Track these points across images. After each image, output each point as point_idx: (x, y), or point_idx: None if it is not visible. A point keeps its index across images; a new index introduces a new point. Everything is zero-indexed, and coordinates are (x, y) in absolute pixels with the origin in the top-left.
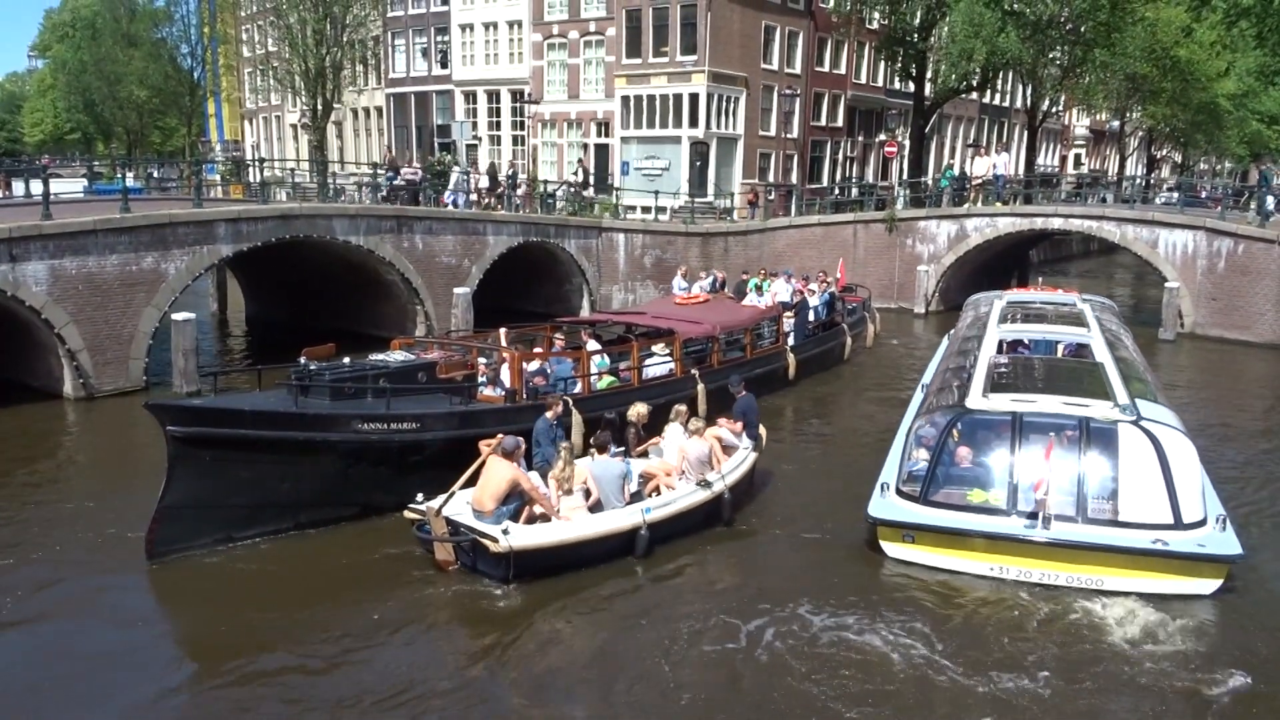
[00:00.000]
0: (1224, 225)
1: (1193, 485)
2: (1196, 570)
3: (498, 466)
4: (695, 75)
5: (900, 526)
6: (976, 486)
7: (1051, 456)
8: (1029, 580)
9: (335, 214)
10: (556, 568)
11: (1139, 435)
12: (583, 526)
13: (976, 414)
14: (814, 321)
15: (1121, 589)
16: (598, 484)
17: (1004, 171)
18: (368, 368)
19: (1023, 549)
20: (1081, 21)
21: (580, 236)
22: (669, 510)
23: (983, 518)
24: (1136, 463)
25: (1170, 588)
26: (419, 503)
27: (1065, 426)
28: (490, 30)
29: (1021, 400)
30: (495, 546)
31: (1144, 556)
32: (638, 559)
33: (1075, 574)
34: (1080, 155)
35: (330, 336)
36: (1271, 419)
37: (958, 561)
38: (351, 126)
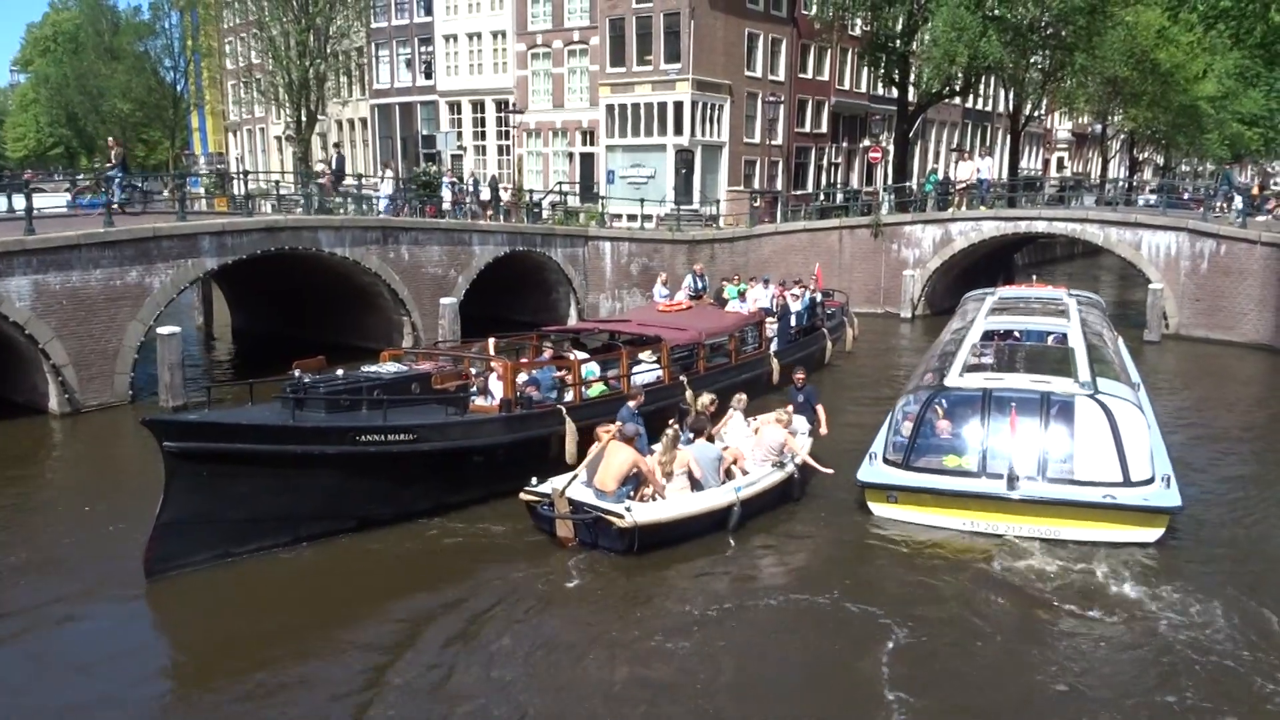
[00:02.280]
0: (1206, 226)
1: (1141, 448)
2: (1142, 520)
3: (620, 450)
4: (679, 83)
5: (884, 488)
6: (952, 453)
7: (1016, 426)
8: (997, 533)
9: (321, 225)
10: (670, 540)
11: (1094, 406)
12: (691, 503)
13: (953, 391)
14: (796, 326)
15: (1077, 538)
16: (699, 465)
17: (988, 175)
18: (361, 379)
19: (991, 505)
20: (1061, 25)
21: (566, 245)
22: (755, 489)
23: (956, 479)
24: (1091, 430)
25: (1119, 536)
26: (535, 485)
27: (1029, 400)
28: (474, 40)
29: (993, 379)
30: (621, 522)
31: (1096, 509)
32: (730, 532)
33: (1037, 526)
34: (1063, 158)
35: (317, 348)
36: (1249, 416)
37: (935, 518)
38: (336, 137)
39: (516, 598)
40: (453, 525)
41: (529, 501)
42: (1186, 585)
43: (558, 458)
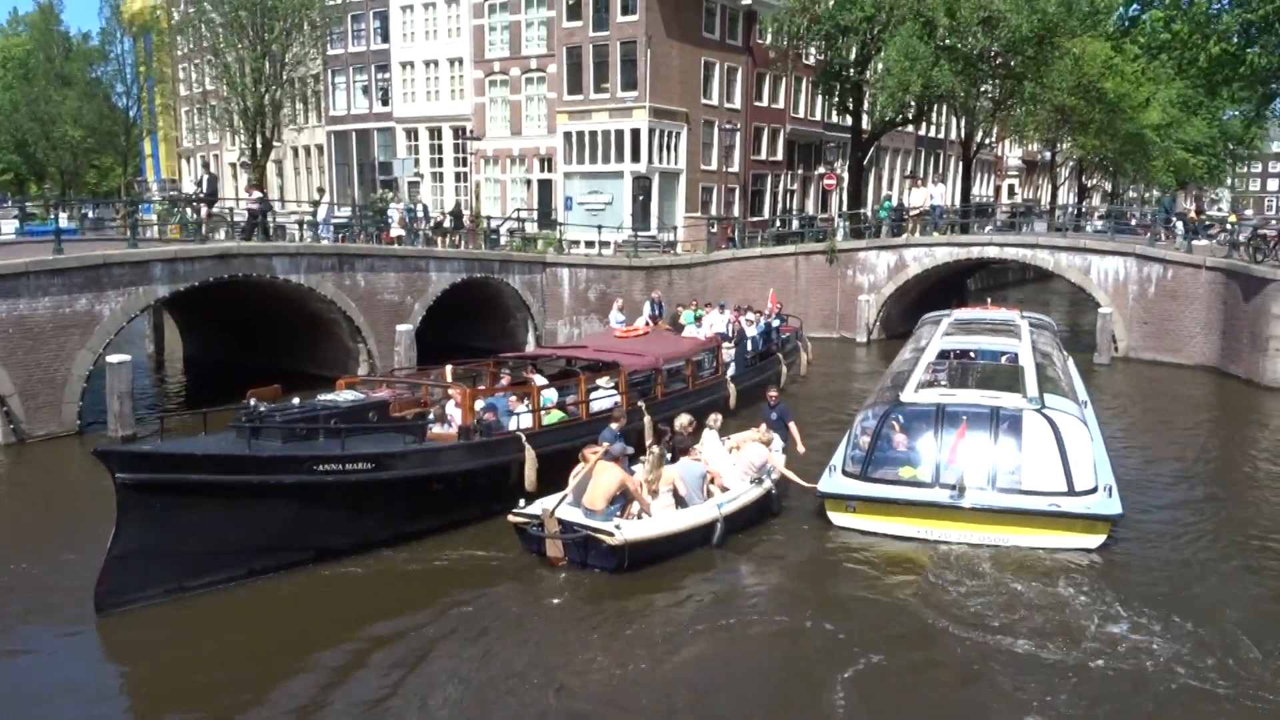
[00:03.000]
0: (1152, 251)
1: (1084, 460)
2: (1085, 528)
3: (608, 470)
4: (636, 111)
5: (843, 499)
6: (907, 465)
7: (968, 439)
8: (949, 540)
9: (275, 253)
10: (658, 557)
11: (1040, 420)
12: (678, 520)
13: (908, 406)
14: (752, 352)
15: (1025, 545)
16: (684, 483)
17: (940, 202)
18: (318, 408)
19: (944, 514)
20: (1011, 55)
21: (524, 272)
22: (737, 505)
23: (911, 489)
24: (1038, 442)
25: (1064, 543)
26: (523, 509)
27: (980, 414)
28: (431, 68)
29: (946, 394)
30: (611, 540)
31: (1041, 517)
32: (715, 547)
33: (987, 534)
34: (1014, 185)
35: (271, 376)
36: (1192, 434)
37: (891, 526)
38: (292, 164)
39: (497, 621)
40: (411, 554)
41: (518, 523)
42: (1125, 589)
43: (517, 485)
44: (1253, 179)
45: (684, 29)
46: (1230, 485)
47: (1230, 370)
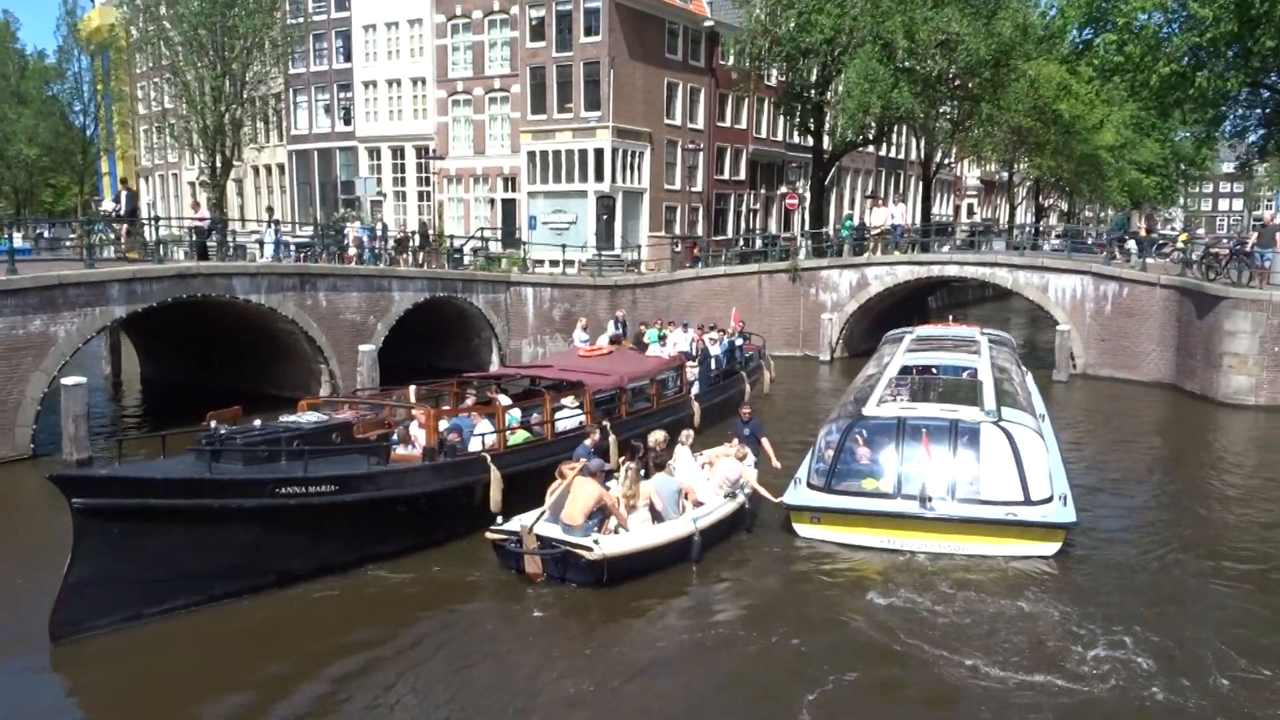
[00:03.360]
0: (1108, 269)
1: (1040, 470)
2: (1041, 536)
3: (585, 485)
4: (600, 131)
5: (808, 510)
6: (870, 477)
7: (928, 451)
8: (911, 549)
9: (235, 272)
10: (637, 572)
11: (998, 432)
12: (656, 534)
13: (870, 419)
14: (716, 370)
15: (984, 553)
16: (660, 498)
17: (901, 221)
18: (280, 430)
19: (905, 524)
20: (968, 77)
21: (488, 291)
22: (712, 519)
23: (874, 500)
24: (995, 454)
25: (1021, 550)
26: (500, 525)
27: (940, 427)
28: (394, 87)
29: (907, 408)
30: (590, 555)
31: (999, 526)
32: (694, 562)
33: (947, 543)
34: (973, 205)
35: (231, 398)
36: (1146, 448)
37: (854, 536)
38: (253, 184)
39: (473, 638)
40: (379, 575)
41: (495, 540)
42: (1081, 597)
43: (482, 506)
44: (1204, 199)
45: (647, 50)
46: (1183, 497)
47: (1186, 386)
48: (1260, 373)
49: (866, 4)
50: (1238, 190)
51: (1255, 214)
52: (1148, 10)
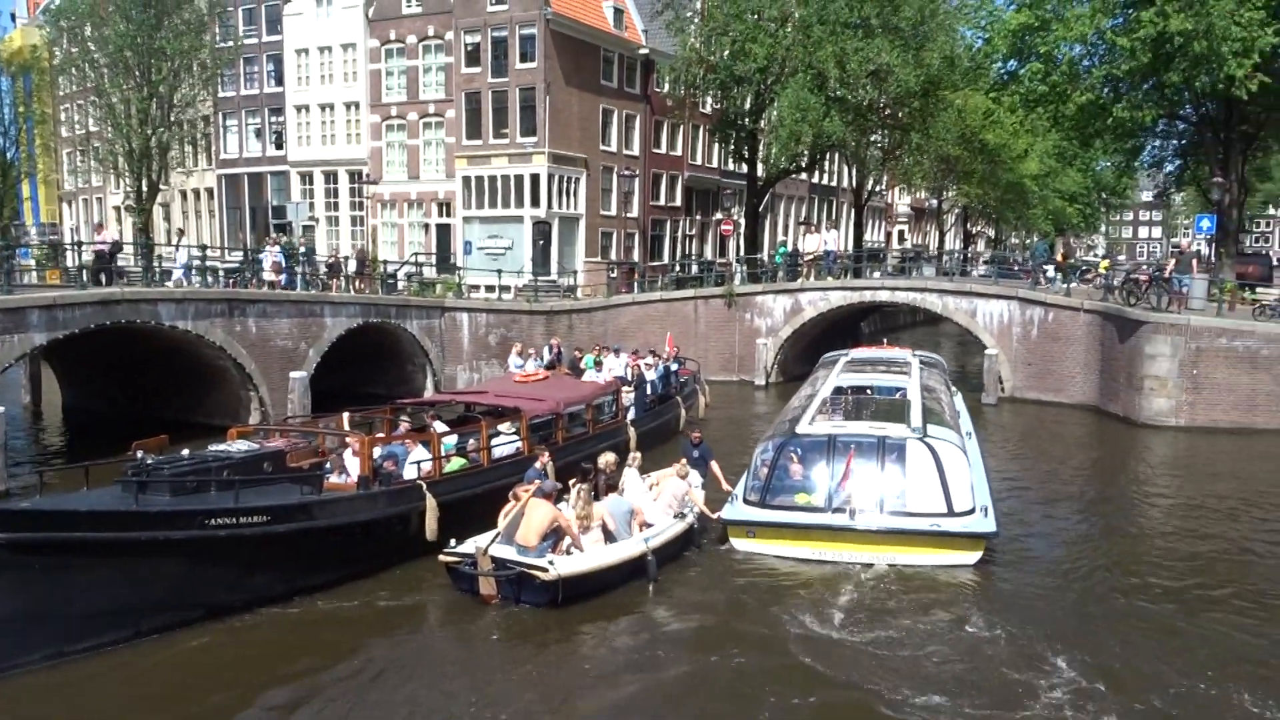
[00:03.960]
0: (1034, 295)
1: (963, 483)
2: (964, 545)
3: (540, 506)
4: (536, 156)
5: (744, 524)
6: (803, 492)
7: (857, 466)
8: (841, 560)
9: (161, 298)
10: (592, 592)
11: (922, 448)
12: (609, 554)
13: (803, 437)
14: (651, 395)
15: (910, 562)
16: (613, 519)
17: (834, 247)
18: (209, 459)
19: (836, 536)
20: (898, 107)
21: (423, 317)
22: (663, 539)
23: (806, 514)
24: (920, 468)
25: (945, 560)
26: (454, 548)
27: (868, 443)
28: (327, 111)
29: (838, 426)
30: (546, 575)
31: (924, 537)
32: (650, 580)
33: (876, 553)
34: (903, 231)
35: (156, 426)
36: (1068, 467)
37: (788, 549)
38: (180, 208)
39: (425, 663)
40: (318, 605)
41: (449, 563)
42: (1008, 612)
43: (418, 535)
44: (1125, 226)
45: (582, 76)
46: (1106, 516)
47: (1109, 408)
48: (1180, 395)
49: (798, 34)
50: (1156, 218)
51: (1173, 241)
52: (1069, 42)
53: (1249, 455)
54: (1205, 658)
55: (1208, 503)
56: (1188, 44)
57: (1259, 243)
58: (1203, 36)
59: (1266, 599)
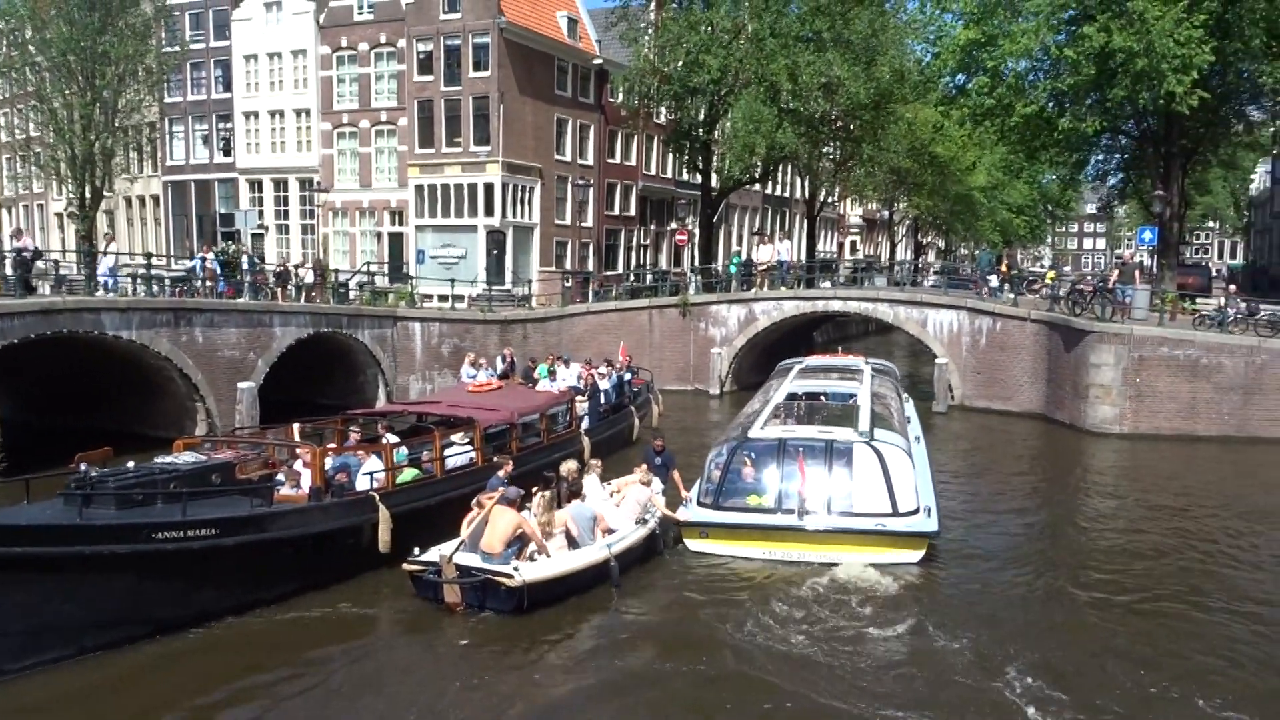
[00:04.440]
0: (983, 305)
1: (907, 485)
2: (907, 544)
3: (504, 514)
4: (489, 165)
5: (698, 525)
6: (754, 494)
7: (806, 469)
8: (791, 559)
9: (104, 307)
10: (556, 597)
11: (869, 451)
12: (574, 560)
13: (754, 441)
14: (605, 405)
15: (857, 561)
16: (576, 524)
17: (787, 258)
18: (156, 471)
19: (786, 536)
20: (850, 119)
21: (375, 326)
22: (626, 544)
23: (756, 515)
24: (867, 471)
25: (889, 558)
26: (417, 556)
27: (816, 447)
28: (277, 118)
29: (788, 430)
30: (511, 582)
31: (870, 536)
32: (613, 586)
33: (824, 552)
34: (855, 242)
35: (99, 438)
36: (1014, 473)
37: (740, 549)
38: (125, 215)
39: (388, 673)
40: (272, 619)
41: (413, 571)
42: (946, 603)
43: (370, 547)
44: (1070, 238)
45: (536, 86)
46: (1052, 521)
47: (1056, 416)
48: (1123, 403)
49: (751, 47)
50: (1100, 230)
51: (1116, 252)
52: (1016, 57)
53: (1190, 461)
54: (1146, 656)
55: (1149, 508)
56: (1130, 60)
57: (1199, 254)
58: (1144, 54)
59: (1205, 600)
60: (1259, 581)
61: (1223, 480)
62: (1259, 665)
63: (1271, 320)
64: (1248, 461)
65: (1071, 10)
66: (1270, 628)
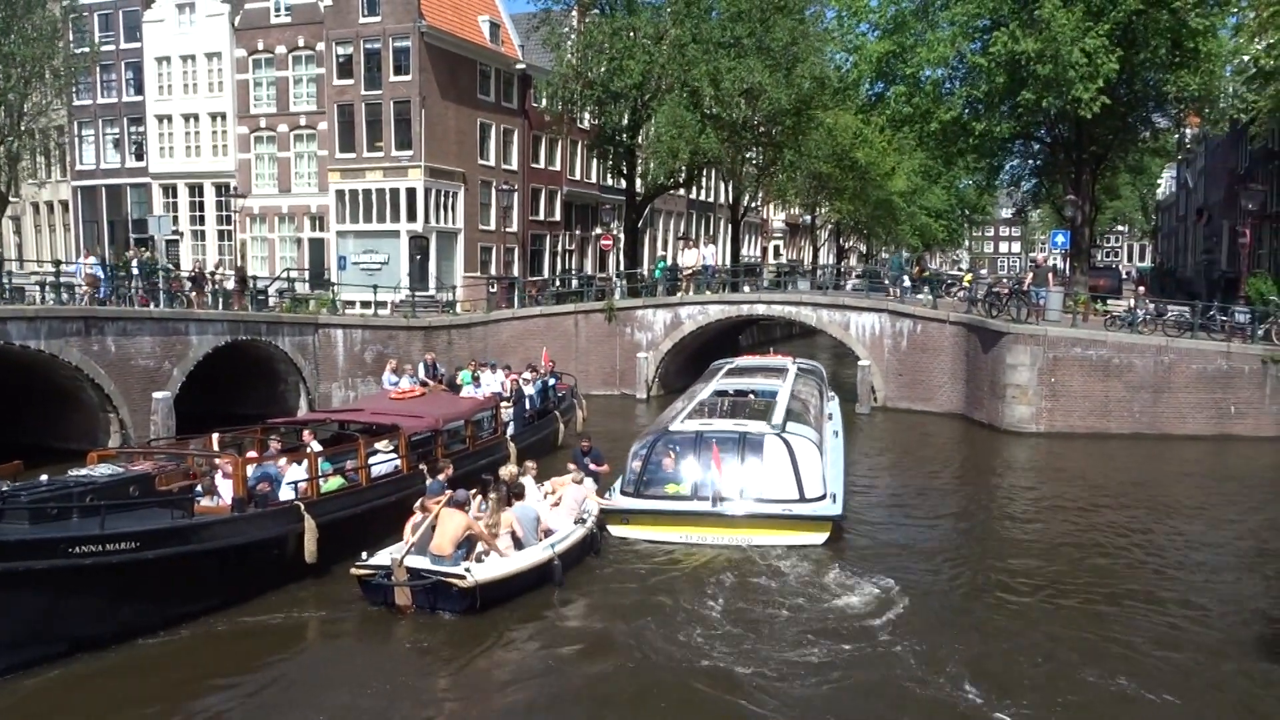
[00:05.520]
0: (903, 308)
1: (814, 473)
2: (812, 527)
3: (453, 517)
4: (412, 170)
5: (619, 513)
6: (672, 482)
7: (721, 459)
8: (705, 542)
9: (11, 316)
10: (506, 596)
11: (778, 441)
12: (522, 560)
13: (673, 434)
14: (530, 410)
15: (765, 543)
16: (521, 525)
17: (712, 262)
18: (71, 484)
19: (701, 520)
20: (772, 125)
21: (295, 333)
22: (568, 544)
23: (674, 502)
24: (776, 460)
25: (796, 540)
26: (365, 560)
27: (730, 438)
28: (191, 122)
29: (705, 423)
30: (463, 583)
31: (778, 519)
32: (556, 585)
33: (735, 535)
34: (779, 246)
35: (8, 451)
36: (929, 468)
37: (659, 534)
38: (33, 221)
39: (335, 680)
40: (179, 636)
41: (361, 575)
42: (845, 573)
43: (296, 558)
44: (987, 241)
45: (459, 90)
46: (964, 514)
47: (975, 416)
48: (1039, 402)
49: (673, 52)
50: (1015, 234)
51: (1030, 255)
52: (932, 64)
53: (1102, 458)
54: (1054, 645)
55: (1063, 503)
56: (1038, 64)
57: (1109, 257)
58: (1050, 60)
59: (1115, 590)
60: (1166, 569)
61: (1134, 475)
62: (1167, 646)
63: (1179, 321)
64: (1158, 457)
65: (985, 20)
66: (1175, 611)
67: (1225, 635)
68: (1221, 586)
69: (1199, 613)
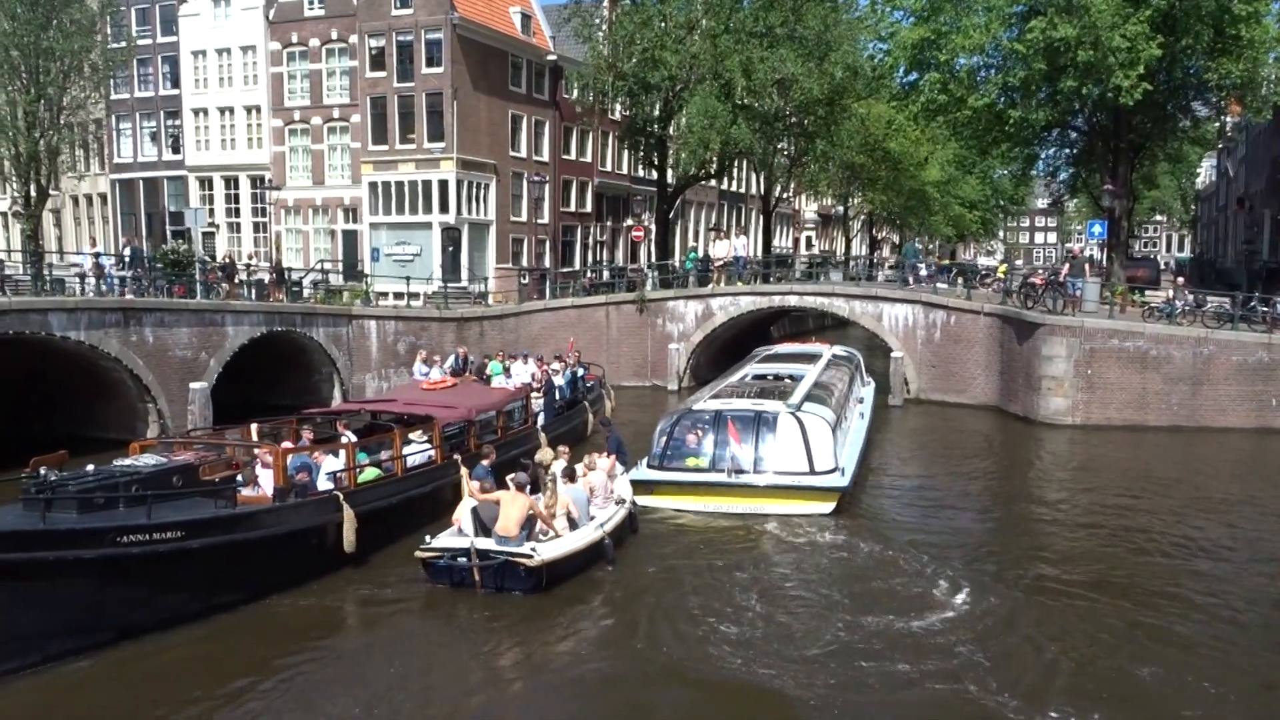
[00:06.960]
0: (937, 299)
1: (824, 449)
2: (820, 497)
3: (517, 499)
4: (444, 162)
5: (645, 483)
6: (693, 456)
7: (738, 435)
8: (724, 510)
9: (51, 308)
10: (568, 574)
11: (791, 419)
12: (579, 538)
13: (695, 412)
14: (560, 400)
15: (779, 512)
16: (575, 506)
17: (743, 253)
18: (118, 474)
19: (718, 491)
20: (804, 115)
21: (329, 325)
22: (614, 523)
23: (694, 474)
24: (789, 436)
25: (806, 510)
26: (429, 544)
27: (747, 417)
28: (226, 115)
29: (726, 403)
30: (530, 562)
31: (790, 490)
32: (609, 562)
33: (750, 505)
34: (811, 237)
35: (48, 441)
36: (961, 459)
37: (680, 503)
38: (72, 214)
39: (398, 659)
40: (222, 623)
41: (427, 558)
42: (849, 539)
43: (335, 547)
44: (1022, 232)
45: (490, 82)
46: (998, 506)
47: (1009, 408)
48: (1075, 394)
49: (706, 43)
50: (1051, 224)
51: (1067, 246)
52: (967, 52)
53: (1140, 451)
54: (1090, 635)
55: (1099, 496)
56: (1076, 50)
57: (1147, 248)
58: (1090, 46)
59: (1152, 583)
60: (1204, 565)
61: (1172, 469)
62: (1224, 641)
63: (1218, 312)
64: (1196, 450)
65: (1022, 6)
66: (1210, 607)
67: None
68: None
69: (1251, 607)
